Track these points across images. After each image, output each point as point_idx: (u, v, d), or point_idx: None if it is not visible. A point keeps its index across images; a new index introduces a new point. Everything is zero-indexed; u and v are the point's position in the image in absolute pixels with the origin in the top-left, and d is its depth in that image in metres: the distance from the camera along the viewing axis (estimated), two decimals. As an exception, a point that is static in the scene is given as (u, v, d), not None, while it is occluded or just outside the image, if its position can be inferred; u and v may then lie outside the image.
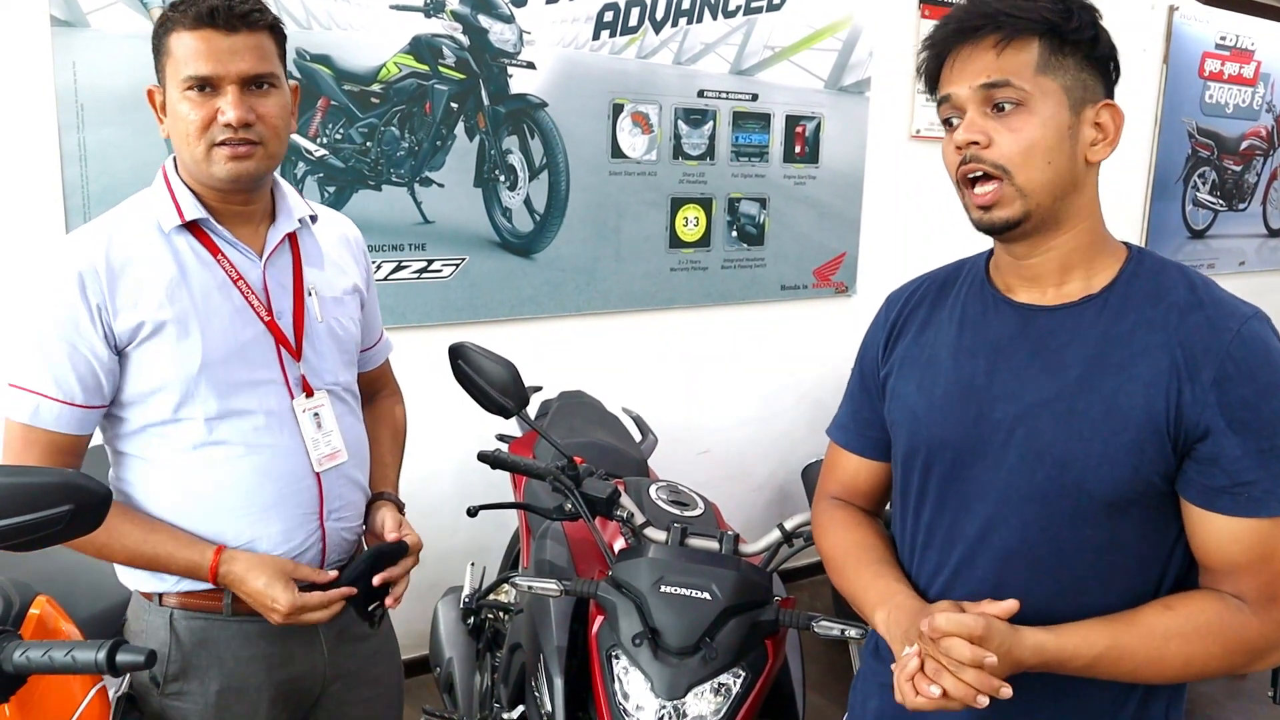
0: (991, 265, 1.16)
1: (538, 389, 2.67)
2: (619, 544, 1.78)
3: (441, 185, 2.77)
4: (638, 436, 2.76)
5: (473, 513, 1.85)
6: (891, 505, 1.28)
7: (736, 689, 1.51)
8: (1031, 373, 1.07)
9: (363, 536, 1.55)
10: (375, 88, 2.64)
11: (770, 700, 1.65)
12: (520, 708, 1.82)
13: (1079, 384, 1.04)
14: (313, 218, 1.48)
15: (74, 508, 1.10)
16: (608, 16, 2.97)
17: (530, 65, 2.85)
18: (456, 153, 2.79)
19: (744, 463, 3.61)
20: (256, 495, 1.37)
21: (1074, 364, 1.05)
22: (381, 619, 1.51)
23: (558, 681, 1.65)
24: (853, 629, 1.50)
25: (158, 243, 1.32)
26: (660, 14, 3.07)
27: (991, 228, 1.06)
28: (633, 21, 3.02)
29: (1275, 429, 0.98)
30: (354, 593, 1.40)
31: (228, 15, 1.24)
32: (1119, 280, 1.07)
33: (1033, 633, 1.00)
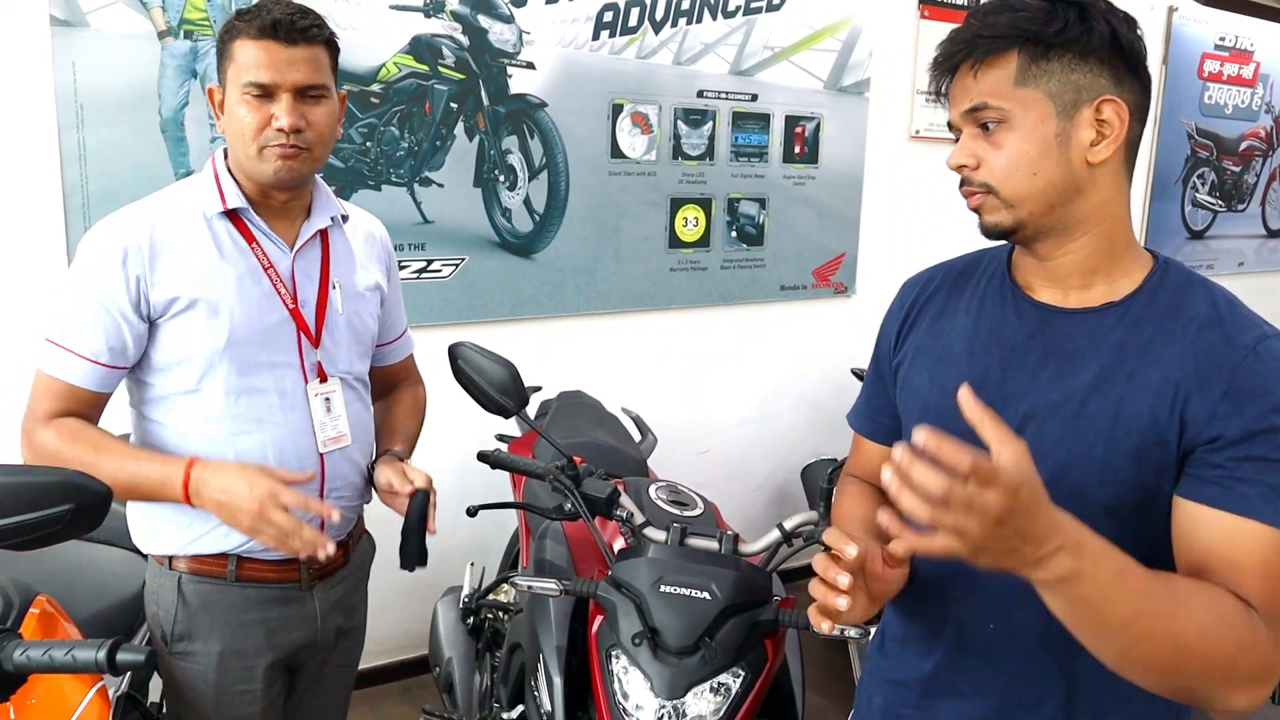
0: (1013, 261, 1.16)
1: (537, 389, 2.67)
2: (618, 544, 1.78)
3: (441, 185, 2.77)
4: (637, 436, 2.76)
5: (472, 512, 1.85)
6: None
7: (736, 689, 1.51)
8: (1044, 374, 1.07)
9: (372, 492, 1.64)
10: (375, 88, 2.64)
11: (769, 700, 1.65)
12: (520, 707, 1.82)
13: (1089, 390, 1.03)
14: (344, 217, 1.59)
15: (74, 506, 1.10)
16: (607, 17, 2.97)
17: (530, 65, 2.86)
18: (456, 153, 2.79)
19: (743, 463, 3.61)
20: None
21: (1087, 369, 1.04)
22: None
23: (557, 681, 1.65)
24: (852, 629, 1.50)
25: (199, 226, 1.44)
26: (660, 14, 3.07)
27: (987, 232, 1.08)
28: (632, 22, 3.03)
29: None
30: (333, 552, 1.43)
31: (289, 29, 1.36)
32: (1142, 290, 1.06)
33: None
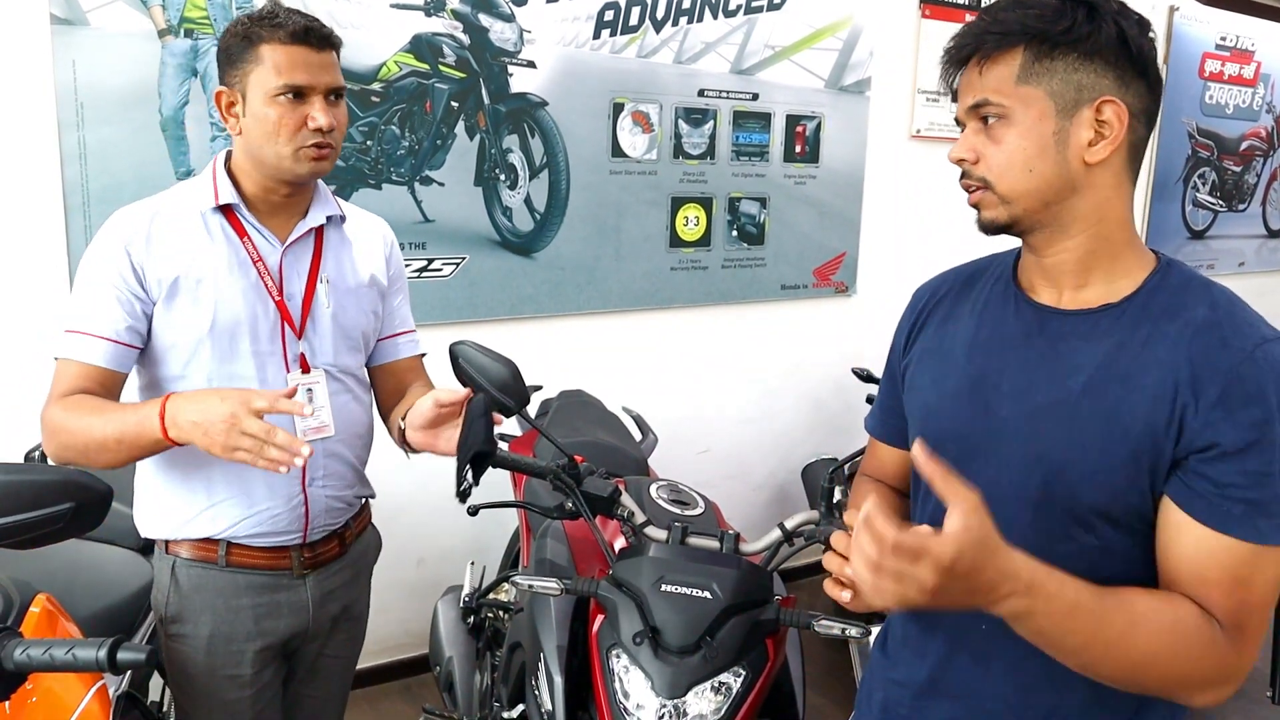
0: (1019, 263, 1.16)
1: (538, 388, 2.67)
2: (619, 543, 1.78)
3: (442, 184, 2.77)
4: (638, 436, 2.76)
5: (473, 512, 1.84)
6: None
7: (737, 688, 1.51)
8: (1040, 375, 1.07)
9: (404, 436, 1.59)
10: (376, 86, 2.64)
11: (770, 699, 1.65)
12: (520, 707, 1.82)
13: (1084, 391, 1.03)
14: (341, 218, 1.63)
15: (75, 505, 1.10)
16: (608, 15, 2.97)
17: (531, 64, 2.86)
18: (457, 151, 2.79)
19: (744, 462, 3.61)
20: None
21: (1083, 371, 1.04)
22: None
23: (558, 680, 1.65)
24: (853, 628, 1.50)
25: (194, 219, 1.50)
26: (661, 13, 3.07)
27: (983, 228, 1.09)
28: (633, 21, 3.02)
29: (1275, 455, 0.96)
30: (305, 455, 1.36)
31: (318, 36, 1.45)
32: (1141, 291, 1.05)
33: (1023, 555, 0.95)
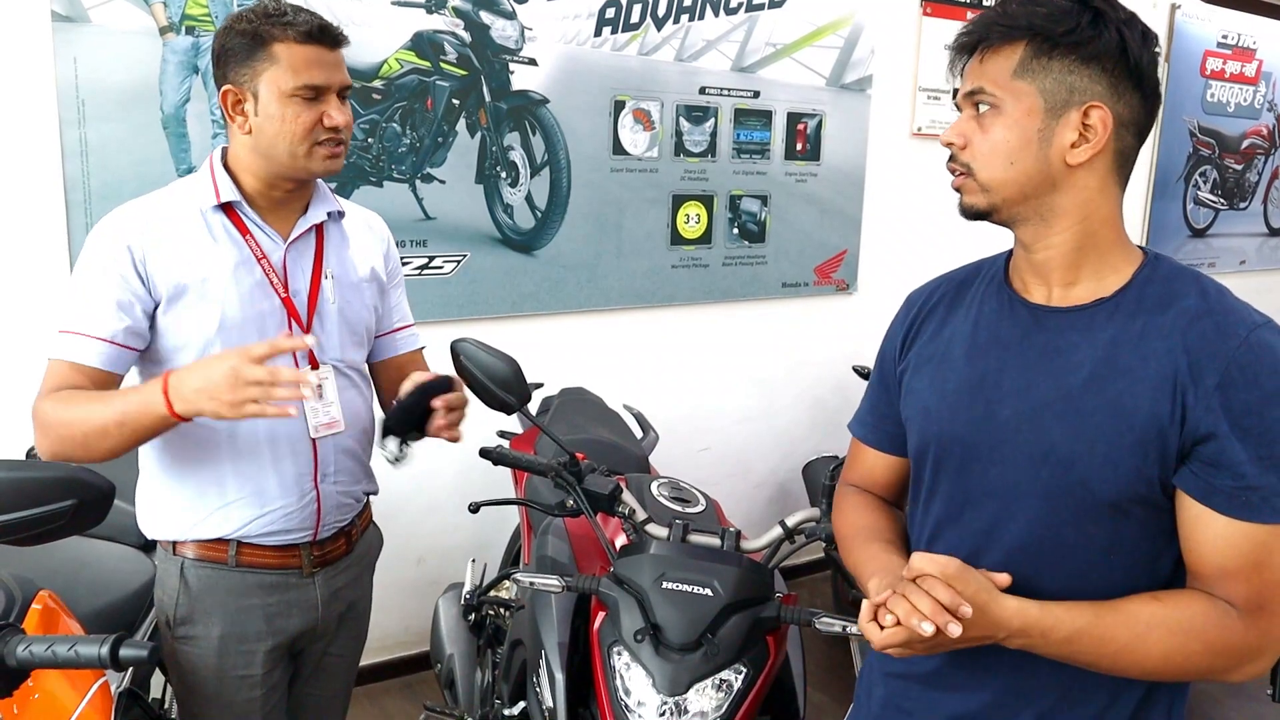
0: (1010, 265, 1.18)
1: (539, 385, 2.67)
2: (620, 540, 1.78)
3: (443, 181, 2.77)
4: (638, 433, 2.76)
5: (474, 509, 1.85)
6: (908, 498, 1.29)
7: (738, 685, 1.51)
8: (1040, 372, 1.08)
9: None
10: (377, 84, 2.64)
11: (771, 696, 1.66)
12: (521, 704, 1.83)
13: (1085, 385, 1.05)
14: (340, 213, 1.62)
15: (77, 502, 1.10)
16: (609, 13, 2.97)
17: (532, 62, 2.85)
18: (458, 149, 2.79)
19: (745, 460, 3.61)
20: (256, 452, 1.51)
21: (1082, 365, 1.05)
22: (408, 455, 1.57)
23: (559, 677, 1.65)
24: (854, 625, 1.50)
25: (194, 219, 1.48)
26: (662, 11, 3.07)
27: (963, 213, 1.11)
28: (634, 18, 3.02)
29: (1278, 436, 0.98)
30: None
31: (331, 35, 1.46)
32: (1132, 285, 1.07)
33: (1015, 598, 1.02)
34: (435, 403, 1.50)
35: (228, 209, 1.50)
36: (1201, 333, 1.01)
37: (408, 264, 2.73)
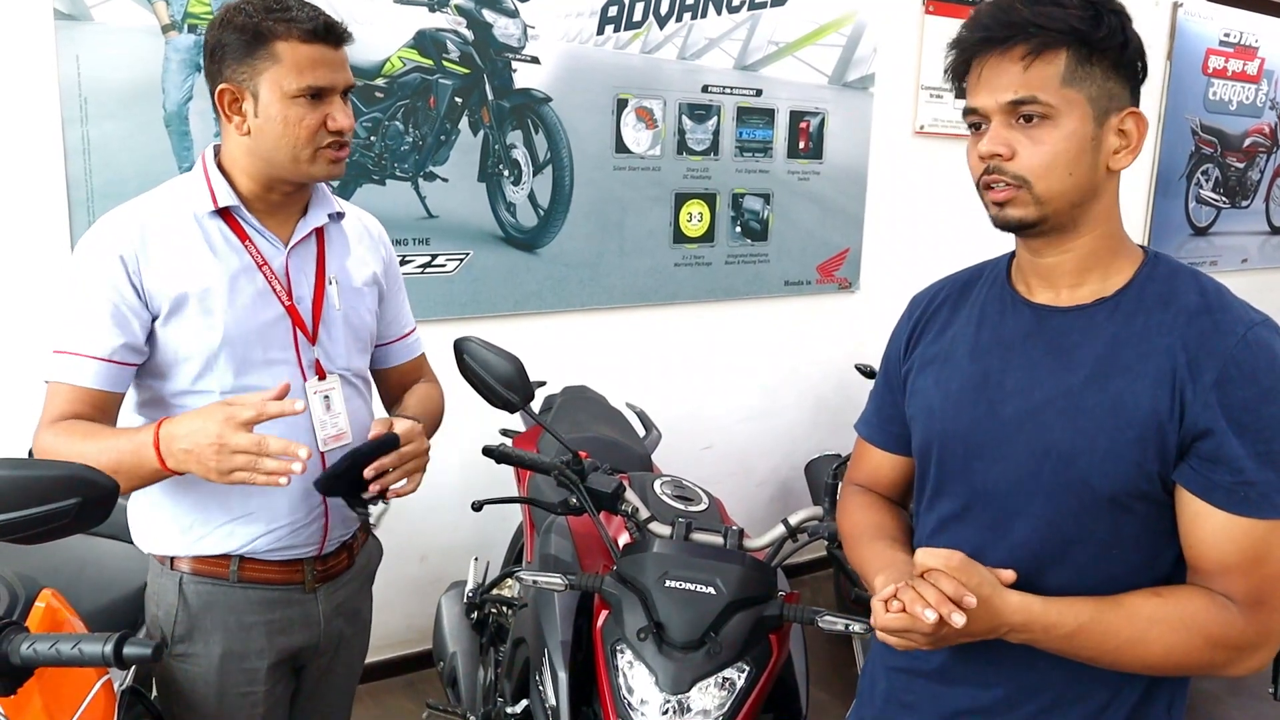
0: (1013, 266, 1.18)
1: (542, 384, 2.67)
2: (623, 539, 1.78)
3: (445, 180, 2.77)
4: (641, 432, 2.76)
5: (477, 507, 1.85)
6: (913, 497, 1.30)
7: (740, 683, 1.51)
8: (1042, 371, 1.09)
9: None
10: (379, 82, 2.64)
11: (774, 695, 1.66)
12: (524, 702, 1.83)
13: (1087, 383, 1.06)
14: (340, 215, 1.57)
15: (81, 500, 1.10)
16: (612, 11, 2.97)
17: (534, 60, 2.85)
18: (460, 147, 2.79)
19: (747, 458, 3.62)
20: None
21: (1084, 363, 1.07)
22: (380, 512, 1.49)
23: (562, 675, 1.65)
24: (856, 624, 1.50)
25: (190, 226, 1.41)
26: (665, 9, 3.06)
27: (1006, 225, 1.07)
28: (637, 16, 3.02)
29: (1275, 433, 0.99)
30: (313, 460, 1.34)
31: (337, 33, 1.39)
32: (1133, 284, 1.08)
33: (1018, 592, 1.03)
34: (366, 473, 1.38)
35: (225, 214, 1.43)
36: (1200, 330, 1.02)
37: (411, 262, 2.73)
